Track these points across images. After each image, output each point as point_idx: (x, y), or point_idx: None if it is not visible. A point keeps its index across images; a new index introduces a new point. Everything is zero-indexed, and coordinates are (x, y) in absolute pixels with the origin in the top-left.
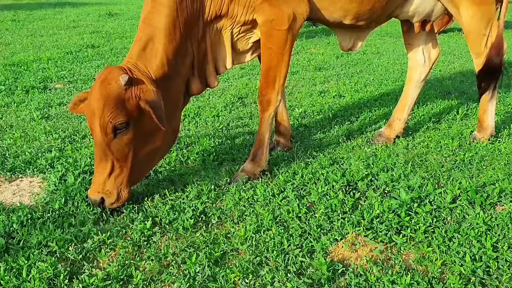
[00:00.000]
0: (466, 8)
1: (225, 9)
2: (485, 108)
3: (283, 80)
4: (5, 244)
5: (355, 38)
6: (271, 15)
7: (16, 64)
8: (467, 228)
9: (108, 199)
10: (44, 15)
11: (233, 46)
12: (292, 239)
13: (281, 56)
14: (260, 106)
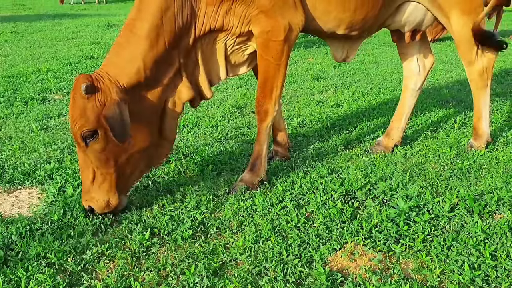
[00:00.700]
0: (457, 17)
1: (220, 21)
2: (479, 115)
3: (280, 90)
4: (4, 256)
5: (348, 49)
6: (267, 26)
7: (15, 75)
8: (466, 236)
9: (96, 206)
10: (43, 26)
11: (228, 58)
12: (291, 249)
13: (277, 66)
14: (257, 116)
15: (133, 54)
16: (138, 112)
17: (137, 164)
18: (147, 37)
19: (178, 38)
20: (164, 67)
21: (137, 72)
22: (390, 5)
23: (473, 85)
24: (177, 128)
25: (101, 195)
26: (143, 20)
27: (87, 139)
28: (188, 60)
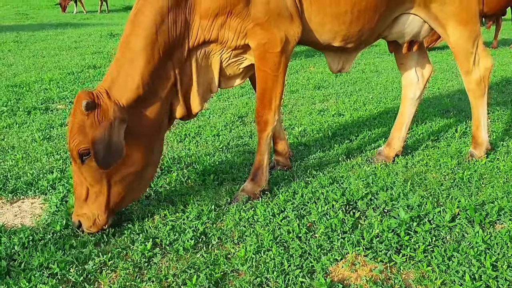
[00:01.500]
0: (453, 28)
1: (215, 34)
2: (478, 123)
3: (279, 101)
4: (7, 266)
5: (344, 60)
6: (264, 39)
7: (18, 85)
8: (467, 247)
9: (84, 223)
10: (46, 36)
11: (222, 71)
12: (292, 260)
13: (275, 77)
14: (257, 126)
15: (130, 70)
16: (138, 129)
17: (132, 184)
18: (142, 51)
19: (172, 51)
20: (161, 81)
21: (136, 87)
22: (387, 18)
23: (471, 94)
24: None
25: (91, 212)
26: (138, 35)
27: (83, 156)
28: (183, 73)
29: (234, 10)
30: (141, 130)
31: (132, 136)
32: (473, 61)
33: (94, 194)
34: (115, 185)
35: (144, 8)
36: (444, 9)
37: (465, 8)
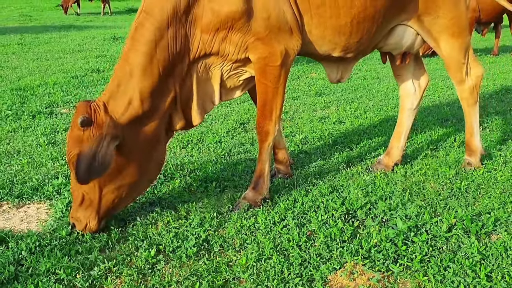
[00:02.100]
0: (445, 41)
1: (216, 48)
2: (472, 131)
3: (279, 112)
4: (15, 271)
5: (342, 70)
6: (264, 53)
7: (23, 88)
8: (462, 257)
9: (77, 225)
10: (50, 38)
11: (223, 83)
12: (292, 268)
13: (276, 89)
14: (258, 136)
15: (130, 85)
16: (135, 143)
17: (126, 193)
18: (142, 67)
19: (172, 66)
20: (161, 96)
21: (134, 103)
22: (383, 28)
23: (464, 103)
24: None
25: (84, 217)
26: (137, 50)
27: None
28: (183, 87)
29: (235, 25)
30: (139, 143)
31: (129, 149)
32: (465, 71)
33: (88, 201)
34: (109, 194)
35: (144, 23)
36: (437, 22)
37: (456, 21)
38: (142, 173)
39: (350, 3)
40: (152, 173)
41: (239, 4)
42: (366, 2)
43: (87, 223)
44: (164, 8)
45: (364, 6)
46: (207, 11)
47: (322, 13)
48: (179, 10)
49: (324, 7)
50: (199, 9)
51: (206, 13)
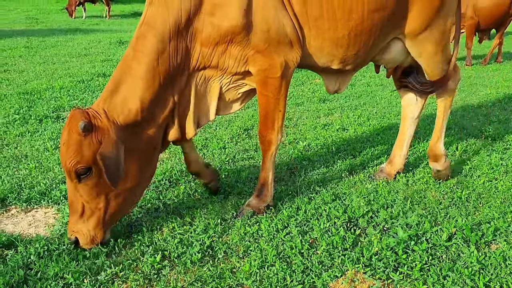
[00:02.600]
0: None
1: (215, 61)
2: (440, 135)
3: (281, 121)
4: (24, 275)
5: (340, 81)
6: (264, 65)
7: (30, 92)
8: (461, 266)
9: (82, 239)
10: (56, 42)
11: (222, 96)
12: (294, 275)
13: (277, 101)
14: (261, 146)
15: (131, 95)
16: (134, 150)
17: (126, 200)
18: (143, 78)
19: (172, 78)
20: (160, 106)
21: (135, 112)
22: (381, 41)
23: (441, 106)
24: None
25: (88, 229)
26: (140, 62)
27: (81, 175)
28: (182, 99)
29: (235, 38)
30: (137, 150)
31: (128, 155)
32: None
33: (89, 210)
34: (110, 201)
35: (146, 34)
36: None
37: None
38: (140, 180)
39: (348, 15)
40: (147, 182)
41: (238, 19)
42: (364, 15)
43: (93, 235)
44: (166, 21)
45: (361, 19)
46: (207, 25)
47: (320, 25)
48: (181, 24)
49: (322, 19)
50: (199, 22)
51: (206, 27)
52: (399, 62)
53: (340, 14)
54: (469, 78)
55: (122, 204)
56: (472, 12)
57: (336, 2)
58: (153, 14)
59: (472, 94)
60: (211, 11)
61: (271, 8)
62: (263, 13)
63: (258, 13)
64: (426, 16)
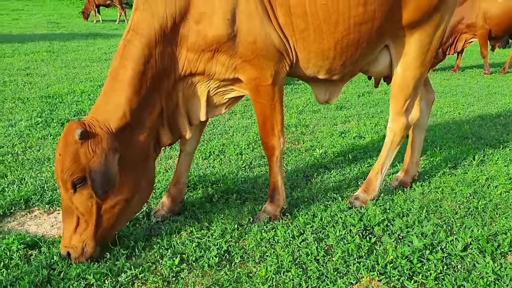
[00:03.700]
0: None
1: (202, 68)
2: (380, 169)
3: (281, 126)
4: (48, 275)
5: (331, 91)
6: (253, 74)
7: (52, 96)
8: (476, 277)
9: (73, 253)
10: (77, 46)
11: (209, 99)
12: (310, 281)
13: (273, 106)
14: (266, 152)
15: (119, 101)
16: (125, 159)
17: (122, 211)
18: (130, 83)
19: (159, 83)
20: (148, 111)
21: (123, 117)
22: (369, 53)
23: (391, 136)
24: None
25: (80, 242)
26: (127, 67)
27: (76, 185)
28: (169, 103)
29: (221, 47)
30: (129, 158)
31: (121, 164)
32: (407, 106)
33: (84, 223)
34: (105, 213)
35: (132, 41)
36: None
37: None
38: (135, 190)
39: (334, 28)
40: (144, 191)
41: (224, 28)
42: (350, 28)
43: (83, 247)
44: (151, 27)
45: (347, 31)
46: (192, 32)
47: (306, 37)
48: (166, 29)
49: (308, 31)
50: (185, 29)
51: (191, 34)
52: (389, 74)
53: (325, 27)
54: (488, 87)
55: (118, 215)
56: (483, 21)
57: (322, 14)
58: (139, 20)
59: (490, 104)
60: (197, 18)
61: (257, 19)
62: (248, 25)
63: (243, 24)
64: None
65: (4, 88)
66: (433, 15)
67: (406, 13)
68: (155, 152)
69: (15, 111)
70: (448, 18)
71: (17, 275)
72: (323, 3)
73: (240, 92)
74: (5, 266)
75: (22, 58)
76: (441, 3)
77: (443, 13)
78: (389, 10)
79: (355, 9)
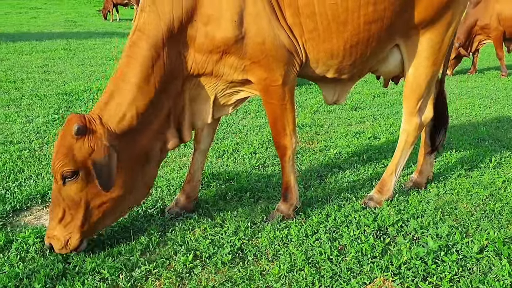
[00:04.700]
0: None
1: (210, 68)
2: (394, 169)
3: (292, 125)
4: (63, 268)
5: (339, 92)
6: (263, 75)
7: (68, 93)
8: (492, 279)
9: (55, 245)
10: (94, 44)
11: (216, 101)
12: (323, 280)
13: (283, 106)
14: (278, 151)
15: (126, 102)
16: (126, 158)
17: (112, 209)
18: (138, 85)
19: (167, 84)
20: (156, 112)
21: (130, 118)
22: (378, 52)
23: (404, 136)
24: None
25: (63, 235)
26: (134, 69)
27: (66, 178)
28: (177, 104)
29: (229, 49)
30: (129, 158)
31: (120, 164)
32: (420, 106)
33: (70, 216)
34: (93, 209)
35: (139, 41)
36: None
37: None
38: (129, 191)
39: (343, 27)
40: (139, 193)
41: (232, 31)
42: (359, 26)
43: (67, 240)
44: (158, 28)
45: (357, 30)
46: (200, 33)
47: (315, 37)
48: (173, 30)
49: (317, 31)
50: (193, 30)
51: (199, 35)
52: (398, 74)
53: (335, 26)
54: (505, 89)
55: (107, 212)
56: (497, 23)
57: (331, 14)
58: (145, 21)
59: (507, 106)
60: (205, 20)
61: (265, 20)
62: (256, 26)
63: (251, 25)
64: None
65: (22, 85)
66: (444, 14)
67: (417, 12)
68: (160, 155)
69: (32, 108)
70: (459, 17)
71: (33, 268)
72: (332, 3)
73: (249, 93)
74: (22, 259)
75: (39, 56)
76: (452, 1)
77: (455, 12)
78: (399, 9)
79: (365, 8)
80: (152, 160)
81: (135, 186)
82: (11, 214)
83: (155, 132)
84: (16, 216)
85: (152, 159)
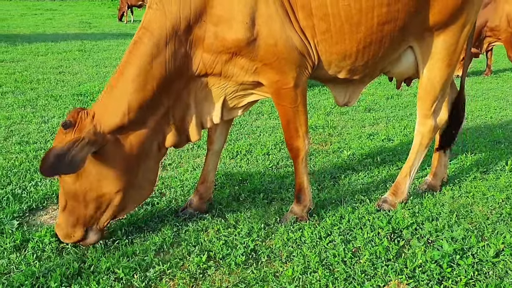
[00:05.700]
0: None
1: (218, 69)
2: (408, 171)
3: (305, 127)
4: (78, 267)
5: (350, 93)
6: (275, 77)
7: (83, 94)
8: (509, 284)
9: (59, 233)
10: (108, 46)
11: (225, 103)
12: (337, 283)
13: (296, 109)
14: (291, 153)
15: (120, 97)
16: (119, 153)
17: (110, 203)
18: (133, 80)
19: (168, 82)
20: (151, 111)
21: (122, 114)
22: (391, 53)
23: (418, 138)
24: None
25: (66, 225)
26: (132, 63)
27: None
28: (178, 103)
29: (240, 51)
30: (123, 155)
31: (111, 160)
32: (434, 108)
33: (70, 207)
34: (90, 202)
35: (142, 38)
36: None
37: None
38: (126, 185)
39: (356, 28)
40: (143, 189)
41: (244, 32)
42: (372, 27)
43: (69, 231)
44: (163, 26)
45: (370, 31)
46: (209, 34)
47: (327, 38)
48: (179, 29)
49: (329, 32)
50: (201, 30)
51: (208, 35)
52: (412, 75)
53: (348, 27)
54: None
55: (106, 205)
56: (507, 24)
57: (344, 15)
58: (151, 19)
59: None
60: (215, 21)
61: (277, 22)
62: (268, 28)
63: (263, 27)
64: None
65: (37, 86)
66: (459, 15)
67: (431, 14)
68: (159, 152)
69: (48, 108)
70: (474, 18)
71: (49, 267)
72: (345, 4)
73: (260, 96)
74: (38, 258)
75: (55, 57)
76: (466, 3)
77: (469, 13)
78: (413, 10)
79: (379, 9)
80: (151, 156)
81: (137, 181)
82: (28, 213)
83: (151, 129)
84: (32, 216)
85: (150, 155)
